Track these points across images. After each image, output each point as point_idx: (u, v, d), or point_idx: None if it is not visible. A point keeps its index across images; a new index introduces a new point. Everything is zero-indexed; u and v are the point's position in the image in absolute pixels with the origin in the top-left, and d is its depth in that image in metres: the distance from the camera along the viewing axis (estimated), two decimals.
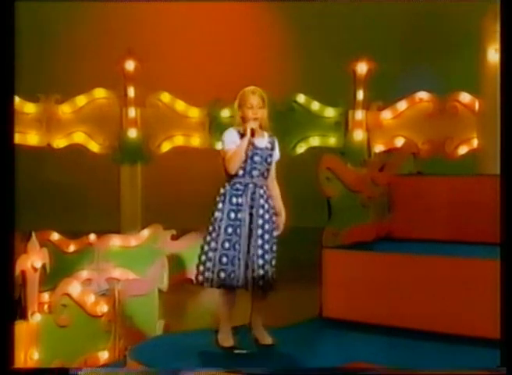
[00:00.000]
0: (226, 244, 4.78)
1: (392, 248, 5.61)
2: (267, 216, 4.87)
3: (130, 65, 7.59)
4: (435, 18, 9.15)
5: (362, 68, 7.62)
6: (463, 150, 7.58)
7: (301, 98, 7.80)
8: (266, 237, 4.83)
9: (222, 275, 4.76)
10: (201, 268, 4.85)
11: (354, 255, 5.42)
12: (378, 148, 7.68)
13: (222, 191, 4.88)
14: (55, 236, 6.71)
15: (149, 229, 6.68)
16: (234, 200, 4.83)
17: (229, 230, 4.79)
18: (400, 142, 7.54)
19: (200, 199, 5.45)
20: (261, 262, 4.77)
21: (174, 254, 6.50)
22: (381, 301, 5.16)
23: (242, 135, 4.84)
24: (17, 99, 7.29)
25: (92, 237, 6.65)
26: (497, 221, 4.03)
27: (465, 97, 7.57)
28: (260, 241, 4.81)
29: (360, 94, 7.69)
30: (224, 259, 4.77)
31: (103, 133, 7.68)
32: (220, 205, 4.84)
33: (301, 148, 7.75)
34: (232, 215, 4.81)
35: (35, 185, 8.35)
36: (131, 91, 7.62)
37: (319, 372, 4.28)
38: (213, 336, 4.85)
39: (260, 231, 4.82)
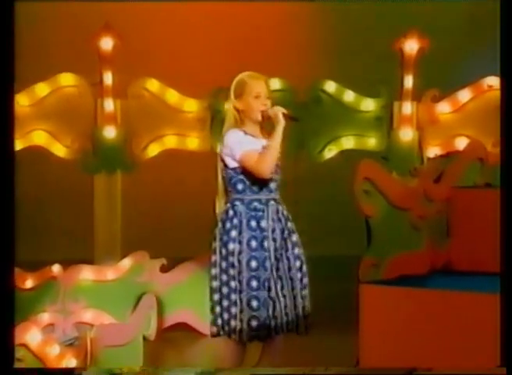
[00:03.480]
0: (254, 283, 4.78)
1: (450, 283, 5.60)
2: (294, 238, 4.92)
3: (107, 43, 7.57)
4: None
5: (412, 46, 7.60)
6: None
7: (331, 87, 7.78)
8: (304, 268, 4.94)
9: (254, 323, 4.73)
10: (226, 316, 4.82)
11: (401, 292, 5.38)
12: (433, 151, 7.66)
13: (230, 212, 4.84)
14: None
15: (131, 258, 6.69)
16: (253, 224, 4.83)
17: (253, 264, 4.79)
18: (462, 144, 7.50)
19: (197, 219, 5.42)
20: (302, 299, 4.90)
21: (164, 290, 6.50)
22: (435, 350, 5.11)
23: (250, 136, 4.83)
24: None
25: (56, 268, 6.63)
26: None
27: None
28: (299, 275, 4.87)
29: (408, 81, 7.67)
30: (254, 303, 4.76)
31: (71, 132, 7.67)
32: (234, 234, 4.80)
33: (331, 152, 7.73)
34: (254, 244, 4.82)
35: None
36: (108, 78, 7.61)
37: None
38: None
39: (298, 263, 4.87)
